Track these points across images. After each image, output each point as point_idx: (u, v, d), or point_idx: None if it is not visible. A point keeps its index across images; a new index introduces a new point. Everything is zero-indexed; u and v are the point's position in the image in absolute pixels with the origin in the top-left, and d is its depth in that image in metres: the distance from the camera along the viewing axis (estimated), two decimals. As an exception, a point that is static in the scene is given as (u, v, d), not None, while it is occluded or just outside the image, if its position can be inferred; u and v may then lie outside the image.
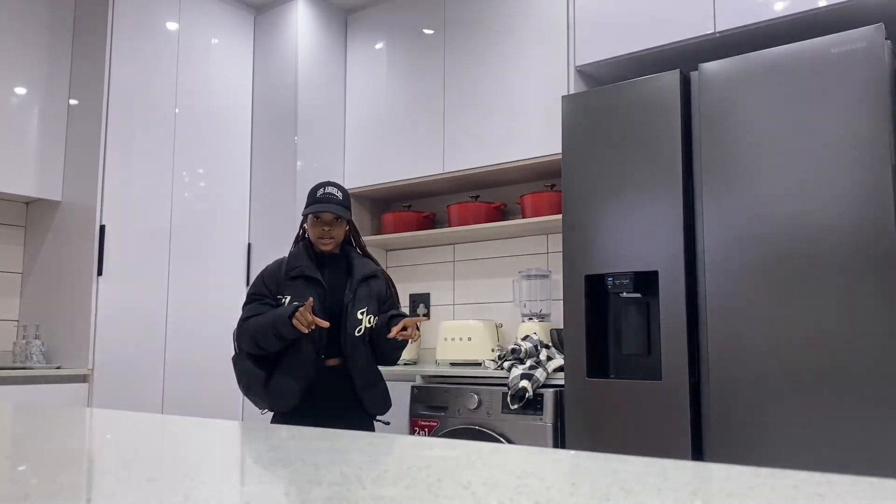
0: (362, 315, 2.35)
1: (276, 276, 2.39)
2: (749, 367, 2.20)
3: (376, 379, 2.41)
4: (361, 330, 2.34)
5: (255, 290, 2.41)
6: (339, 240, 2.40)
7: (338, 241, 2.40)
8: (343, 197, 2.41)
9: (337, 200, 2.38)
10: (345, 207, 2.39)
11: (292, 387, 2.29)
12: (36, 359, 3.17)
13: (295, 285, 2.34)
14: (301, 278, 2.35)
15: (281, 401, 2.29)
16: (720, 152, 2.32)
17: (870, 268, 2.04)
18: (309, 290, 2.33)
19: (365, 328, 2.35)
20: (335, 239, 2.38)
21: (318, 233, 2.37)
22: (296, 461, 0.67)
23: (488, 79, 3.38)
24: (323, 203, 2.35)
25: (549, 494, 0.52)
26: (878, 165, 2.05)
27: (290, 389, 2.29)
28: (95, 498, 0.52)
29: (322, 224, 2.36)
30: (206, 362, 3.53)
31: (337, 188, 2.41)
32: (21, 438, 0.85)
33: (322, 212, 2.33)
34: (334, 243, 2.38)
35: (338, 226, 2.39)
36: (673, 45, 2.79)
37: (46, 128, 3.37)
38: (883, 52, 2.07)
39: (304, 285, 2.34)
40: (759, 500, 0.49)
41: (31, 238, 3.50)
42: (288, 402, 2.29)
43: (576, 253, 2.58)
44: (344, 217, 2.38)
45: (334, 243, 2.38)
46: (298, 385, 2.29)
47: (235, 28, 3.84)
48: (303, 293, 2.33)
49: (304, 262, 2.39)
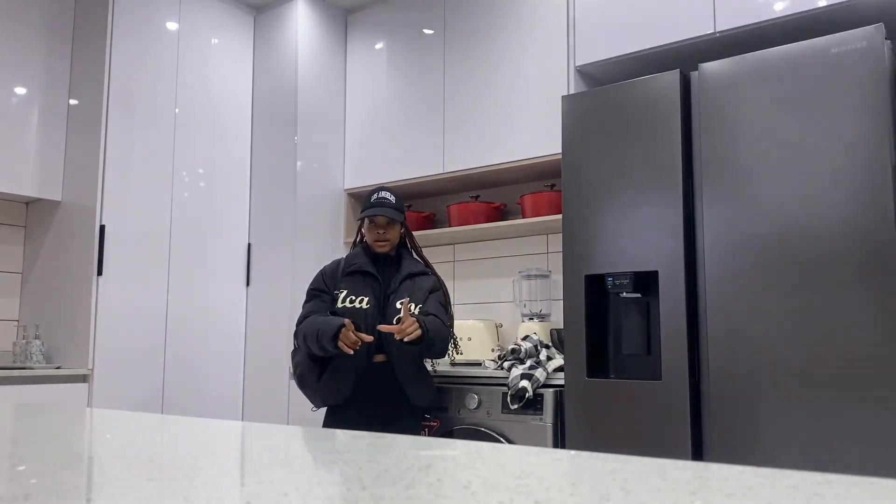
0: (400, 305, 2.43)
1: (335, 273, 2.57)
2: (749, 367, 2.20)
3: (419, 371, 2.52)
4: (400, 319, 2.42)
5: (314, 286, 2.58)
6: (394, 242, 2.56)
7: (393, 243, 2.56)
8: (396, 201, 2.59)
9: (390, 204, 2.55)
10: (398, 211, 2.55)
11: (342, 383, 2.43)
12: (36, 359, 3.17)
13: (352, 279, 2.51)
14: (358, 273, 2.49)
15: (331, 396, 2.44)
16: (720, 152, 2.32)
17: (870, 268, 2.04)
18: (365, 284, 2.48)
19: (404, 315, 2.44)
20: (390, 241, 2.54)
21: (373, 235, 2.54)
22: (296, 461, 0.67)
23: (488, 79, 3.38)
24: (377, 207, 2.52)
25: (549, 494, 0.52)
26: (878, 165, 2.05)
27: (340, 385, 2.43)
28: (95, 498, 0.52)
29: (377, 227, 2.54)
30: (206, 362, 3.53)
31: (390, 193, 2.59)
32: (21, 438, 0.85)
33: (376, 215, 2.45)
34: (390, 245, 2.54)
35: (391, 228, 2.56)
36: (673, 45, 2.79)
37: (46, 128, 3.37)
38: (883, 52, 2.07)
39: (360, 279, 2.52)
40: (759, 500, 0.49)
41: (31, 238, 3.50)
42: (337, 398, 2.44)
43: (576, 253, 2.58)
44: (397, 220, 2.52)
45: (390, 245, 2.54)
46: (348, 381, 2.43)
47: (235, 28, 3.84)
48: (358, 286, 2.50)
49: (361, 260, 2.56)
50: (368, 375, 2.46)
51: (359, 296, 2.48)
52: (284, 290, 3.58)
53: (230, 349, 3.64)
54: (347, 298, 2.48)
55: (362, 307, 2.45)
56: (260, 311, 3.67)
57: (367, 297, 2.47)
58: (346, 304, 2.47)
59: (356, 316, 2.44)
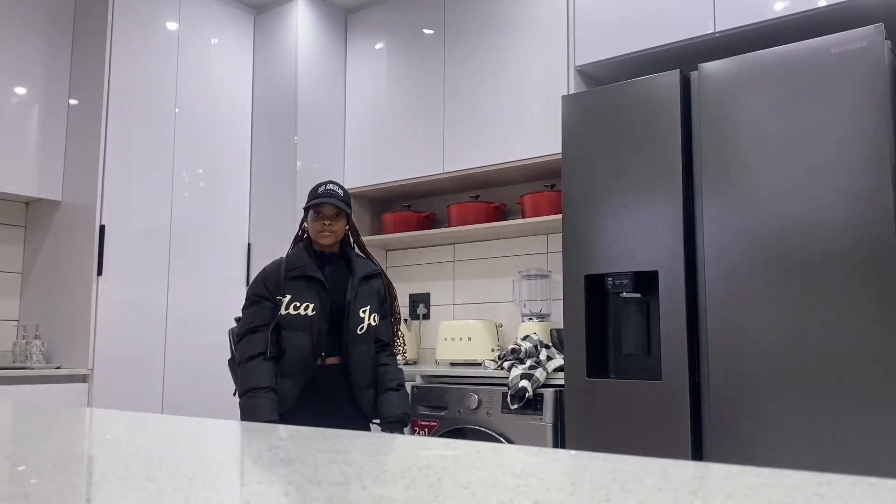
0: (364, 313, 2.37)
1: (276, 276, 2.40)
2: (749, 366, 2.20)
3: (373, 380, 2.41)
4: (364, 328, 2.35)
5: (255, 292, 2.41)
6: (339, 235, 2.43)
7: (338, 237, 2.42)
8: (343, 194, 2.45)
9: (337, 196, 2.42)
10: (345, 203, 2.42)
11: (290, 389, 2.31)
12: (36, 359, 3.17)
13: (296, 285, 2.36)
14: (302, 278, 2.37)
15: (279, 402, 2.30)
16: (720, 152, 2.32)
17: (870, 268, 2.04)
18: (310, 289, 2.35)
19: (368, 325, 2.36)
20: (335, 233, 2.40)
21: (318, 227, 2.40)
22: (296, 461, 0.67)
23: (488, 79, 3.38)
24: (324, 197, 2.38)
25: (549, 494, 0.52)
26: (878, 165, 2.05)
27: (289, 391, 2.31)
28: (95, 498, 0.52)
29: (322, 218, 2.39)
30: (206, 362, 3.53)
31: (337, 186, 2.45)
32: (21, 438, 0.85)
33: (323, 204, 2.36)
34: (334, 237, 2.41)
35: (338, 221, 2.42)
36: (673, 45, 2.79)
37: (46, 128, 3.37)
38: (883, 52, 2.07)
39: (305, 284, 2.36)
40: (759, 500, 0.49)
41: (31, 238, 3.50)
42: (285, 404, 2.30)
43: (576, 253, 2.58)
44: (344, 211, 2.41)
45: (334, 237, 2.41)
46: (295, 388, 2.31)
47: (235, 28, 3.84)
48: (304, 292, 2.35)
49: (304, 262, 2.41)
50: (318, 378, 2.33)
51: (303, 302, 2.34)
52: (284, 290, 3.57)
53: (230, 349, 3.64)
54: (291, 305, 2.33)
55: (307, 314, 2.32)
56: (260, 311, 3.67)
57: (313, 304, 2.34)
58: (290, 311, 2.33)
59: (301, 323, 2.32)
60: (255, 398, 2.29)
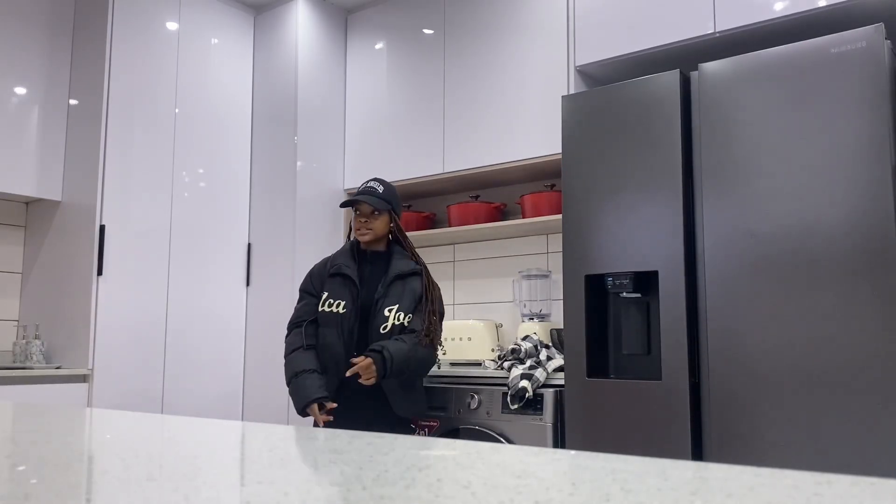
0: (390, 312, 2.36)
1: (321, 273, 2.50)
2: (749, 366, 2.20)
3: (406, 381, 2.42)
4: (387, 327, 2.35)
5: (303, 288, 2.54)
6: (378, 232, 2.43)
7: (377, 234, 2.43)
8: (383, 191, 2.46)
9: (375, 193, 2.43)
10: (383, 200, 2.41)
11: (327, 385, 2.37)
12: (36, 359, 3.17)
13: (333, 282, 2.42)
14: (339, 275, 2.40)
15: None
16: (720, 152, 2.32)
17: (870, 268, 2.04)
18: (344, 287, 2.38)
19: (392, 325, 2.36)
20: (374, 231, 2.41)
21: (356, 225, 2.44)
22: (296, 461, 0.67)
23: (488, 79, 3.38)
24: (360, 195, 2.40)
25: (549, 494, 0.52)
26: (878, 165, 2.05)
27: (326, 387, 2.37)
28: (95, 498, 0.52)
29: (360, 216, 2.42)
30: (206, 362, 3.53)
31: (379, 182, 2.48)
32: (21, 438, 0.85)
33: (358, 203, 2.39)
34: (373, 234, 2.41)
35: (375, 218, 2.43)
36: (673, 45, 2.79)
37: (46, 128, 3.37)
38: (883, 52, 2.07)
39: (340, 282, 2.42)
40: (759, 500, 0.49)
41: (31, 238, 3.50)
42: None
43: (576, 253, 2.58)
44: (381, 209, 2.40)
45: (373, 234, 2.41)
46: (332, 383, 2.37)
47: (235, 28, 3.84)
48: (339, 290, 2.41)
49: (344, 260, 2.47)
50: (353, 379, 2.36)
51: (337, 300, 2.38)
52: (284, 290, 3.58)
53: (230, 349, 3.64)
54: (327, 302, 2.39)
55: (339, 311, 2.36)
56: (260, 311, 3.67)
57: (345, 302, 2.37)
58: (324, 308, 2.39)
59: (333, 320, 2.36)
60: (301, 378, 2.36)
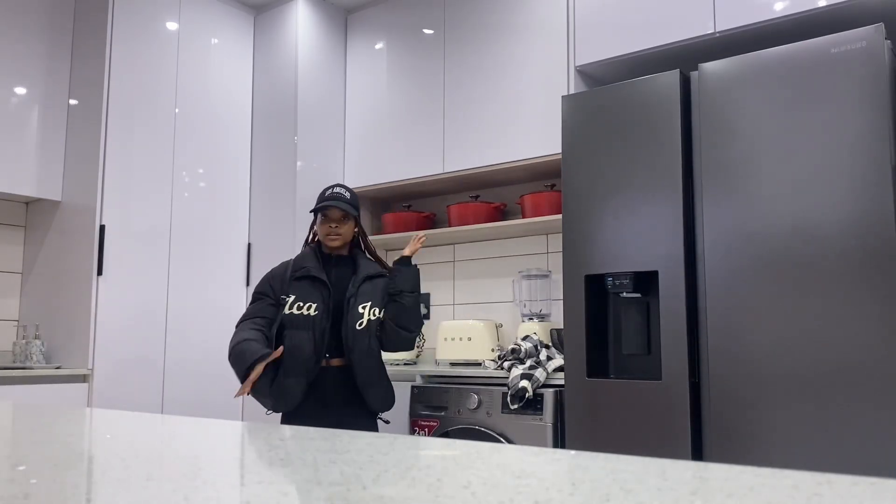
0: (364, 309, 2.38)
1: (283, 276, 2.45)
2: (749, 366, 2.20)
3: (379, 376, 2.43)
4: (363, 323, 2.37)
5: (259, 290, 2.47)
6: (346, 238, 2.45)
7: (345, 239, 2.45)
8: (351, 196, 2.49)
9: (344, 199, 2.45)
10: (352, 206, 2.44)
11: (295, 387, 2.33)
12: (36, 359, 3.17)
13: (300, 285, 2.40)
14: (306, 278, 2.40)
15: (284, 400, 2.34)
16: (720, 152, 2.32)
17: (869, 268, 2.04)
18: (314, 290, 2.37)
19: (368, 321, 2.37)
20: (343, 236, 2.43)
21: (325, 230, 2.43)
22: (296, 461, 0.67)
23: (488, 79, 3.38)
24: (331, 200, 2.41)
25: (549, 494, 0.52)
26: (878, 165, 2.05)
27: (293, 390, 2.33)
28: (95, 498, 0.52)
29: (329, 221, 2.43)
30: (206, 362, 3.53)
31: (344, 189, 2.49)
32: (21, 438, 0.85)
33: (330, 207, 2.39)
34: (342, 240, 2.43)
35: (345, 224, 2.45)
36: (673, 45, 2.79)
37: (46, 128, 3.37)
38: (883, 52, 2.07)
39: (308, 285, 2.40)
40: (759, 500, 0.49)
41: (31, 238, 3.50)
42: (291, 402, 2.34)
43: (576, 253, 2.58)
44: (351, 214, 2.43)
45: (342, 240, 2.43)
46: (299, 386, 2.33)
47: (235, 28, 3.84)
48: (307, 292, 2.39)
49: (310, 263, 2.45)
50: (323, 379, 2.36)
51: (307, 302, 2.37)
52: (284, 290, 3.57)
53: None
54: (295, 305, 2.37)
55: (310, 314, 2.35)
56: (260, 311, 3.67)
57: (316, 304, 2.37)
58: (293, 311, 2.36)
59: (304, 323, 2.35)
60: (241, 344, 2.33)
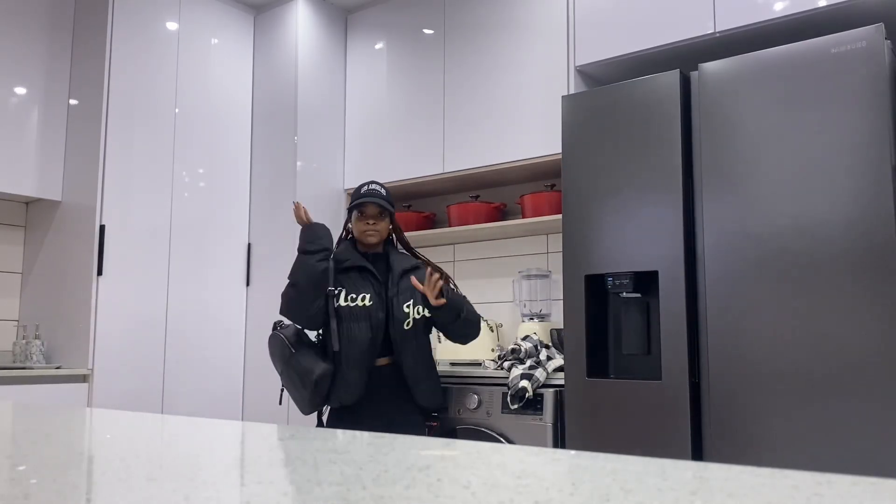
0: (408, 308, 2.39)
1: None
2: (749, 366, 2.20)
3: (427, 373, 2.48)
4: (410, 323, 2.39)
5: None
6: (383, 234, 2.49)
7: (382, 236, 2.49)
8: (386, 193, 2.53)
9: (381, 195, 2.49)
10: (388, 202, 2.47)
11: (355, 380, 2.36)
12: (36, 359, 3.17)
13: (347, 277, 2.43)
14: (353, 269, 2.43)
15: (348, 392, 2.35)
16: (720, 152, 2.32)
17: (870, 268, 2.04)
18: (363, 280, 2.40)
19: (413, 320, 2.39)
20: (380, 232, 2.47)
21: (362, 227, 2.47)
22: (296, 461, 0.67)
23: (488, 79, 3.38)
24: (367, 197, 2.43)
25: (549, 494, 0.52)
26: (878, 165, 2.05)
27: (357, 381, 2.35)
28: (95, 498, 0.52)
29: (367, 218, 2.45)
30: (206, 362, 3.53)
31: (379, 185, 2.53)
32: (21, 438, 0.85)
33: (367, 203, 2.40)
34: (379, 236, 2.47)
35: (381, 220, 2.49)
36: (673, 45, 2.79)
37: (46, 128, 3.37)
38: (883, 52, 2.07)
39: (357, 276, 2.43)
40: (759, 500, 0.49)
41: (31, 238, 3.50)
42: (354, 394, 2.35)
43: (576, 253, 2.58)
44: (387, 210, 2.45)
45: (379, 236, 2.47)
46: (361, 378, 2.36)
47: (235, 28, 3.84)
48: (357, 283, 2.42)
49: (352, 256, 2.48)
50: (374, 377, 2.40)
51: (359, 293, 2.40)
52: (284, 290, 3.57)
53: (230, 349, 3.64)
54: (349, 297, 2.39)
55: (365, 304, 2.38)
56: (260, 311, 3.67)
57: (368, 294, 2.40)
58: (347, 303, 2.38)
59: (359, 314, 2.37)
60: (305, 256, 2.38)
